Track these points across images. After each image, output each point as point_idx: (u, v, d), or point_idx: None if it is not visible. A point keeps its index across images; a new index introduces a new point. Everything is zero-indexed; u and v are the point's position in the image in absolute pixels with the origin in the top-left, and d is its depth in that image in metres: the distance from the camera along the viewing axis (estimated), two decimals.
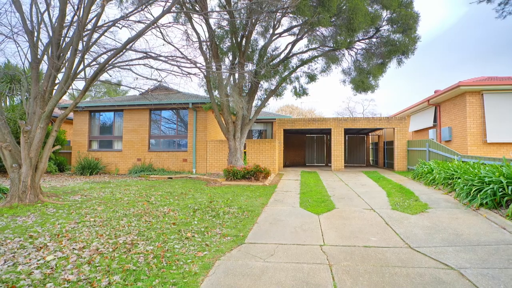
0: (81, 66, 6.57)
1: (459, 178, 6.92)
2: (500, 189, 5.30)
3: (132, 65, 6.59)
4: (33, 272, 3.35)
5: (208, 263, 3.54)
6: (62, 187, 9.61)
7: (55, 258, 3.72)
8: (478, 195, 5.59)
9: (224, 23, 11.06)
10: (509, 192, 5.06)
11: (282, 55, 11.31)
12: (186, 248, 4.03)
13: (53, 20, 7.23)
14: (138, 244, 4.19)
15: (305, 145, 20.42)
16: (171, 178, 11.97)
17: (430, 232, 4.48)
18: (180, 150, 13.98)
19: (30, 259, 3.70)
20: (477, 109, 11.58)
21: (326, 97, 62.74)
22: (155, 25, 7.59)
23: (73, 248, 4.05)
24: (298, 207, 6.47)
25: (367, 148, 20.36)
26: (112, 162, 14.45)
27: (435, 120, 14.29)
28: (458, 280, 2.99)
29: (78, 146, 14.91)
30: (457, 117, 12.38)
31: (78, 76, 7.27)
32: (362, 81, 10.13)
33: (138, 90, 8.83)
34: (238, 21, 10.23)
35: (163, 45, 21.72)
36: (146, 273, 3.29)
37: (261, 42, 11.94)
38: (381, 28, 10.29)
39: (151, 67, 6.76)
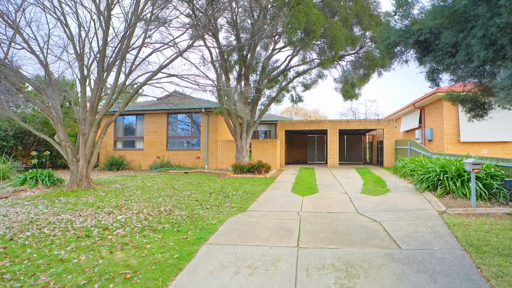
0: (122, 85, 8.60)
1: (418, 170, 8.70)
2: (438, 176, 7.09)
3: (162, 82, 8.60)
4: (113, 223, 5.36)
5: (222, 219, 5.49)
6: (99, 179, 11.72)
7: (123, 218, 5.73)
8: (424, 181, 7.40)
9: (232, 38, 13.03)
10: (441, 178, 6.87)
11: (282, 67, 13.22)
12: (207, 213, 6.00)
13: (99, 43, 9.28)
14: (174, 211, 6.19)
15: (307, 145, 22.23)
16: (187, 172, 14.00)
17: (377, 205, 6.34)
18: (194, 149, 16.02)
19: (106, 218, 5.72)
20: (453, 113, 13.24)
21: (331, 98, 64.16)
22: (177, 46, 9.62)
23: (132, 213, 6.06)
24: (289, 192, 8.38)
25: (364, 147, 22.05)
26: (135, 159, 16.59)
27: (420, 122, 15.96)
28: (376, 226, 4.87)
29: (105, 145, 17.10)
30: (437, 119, 14.05)
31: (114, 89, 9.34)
32: (347, 90, 11.98)
33: (157, 98, 10.92)
34: (244, 36, 12.16)
35: (184, 64, 24.13)
36: (184, 224, 5.26)
37: (264, 55, 13.86)
38: (365, 44, 12.09)
39: (177, 84, 8.77)
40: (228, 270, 3.41)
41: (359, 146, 21.84)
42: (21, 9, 7.18)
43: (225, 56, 12.45)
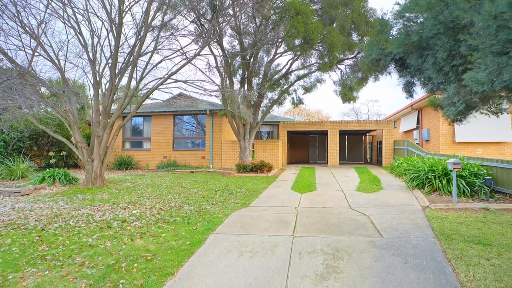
0: (134, 90, 9.26)
1: (410, 169, 9.24)
2: (426, 175, 7.63)
3: (170, 87, 9.23)
4: (129, 217, 6.00)
5: (227, 213, 6.10)
6: (110, 178, 12.39)
7: (137, 212, 6.36)
8: (414, 180, 7.95)
9: (235, 42, 13.65)
10: (429, 177, 7.41)
11: (284, 71, 13.81)
12: (213, 208, 6.62)
13: (111, 49, 9.92)
14: (184, 206, 6.81)
15: (308, 145, 22.78)
16: (193, 172, 14.66)
17: (368, 201, 6.91)
18: (199, 149, 16.68)
19: (123, 212, 6.35)
20: None
21: (333, 98, 64.49)
22: (185, 55, 10.26)
23: (145, 208, 6.70)
24: (289, 190, 8.97)
25: (365, 147, 22.56)
26: (143, 159, 17.28)
27: (418, 123, 16.44)
28: (365, 218, 5.45)
29: (114, 145, 17.81)
30: (433, 120, 14.54)
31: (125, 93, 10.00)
32: (345, 93, 12.55)
33: (162, 101, 11.59)
34: (246, 40, 12.78)
35: (190, 70, 24.78)
36: (193, 217, 5.89)
37: (266, 59, 14.46)
38: (363, 49, 12.62)
39: (184, 89, 9.41)
40: (232, 254, 4.01)
41: (359, 146, 22.35)
42: (44, 22, 7.84)
43: (229, 61, 13.06)
